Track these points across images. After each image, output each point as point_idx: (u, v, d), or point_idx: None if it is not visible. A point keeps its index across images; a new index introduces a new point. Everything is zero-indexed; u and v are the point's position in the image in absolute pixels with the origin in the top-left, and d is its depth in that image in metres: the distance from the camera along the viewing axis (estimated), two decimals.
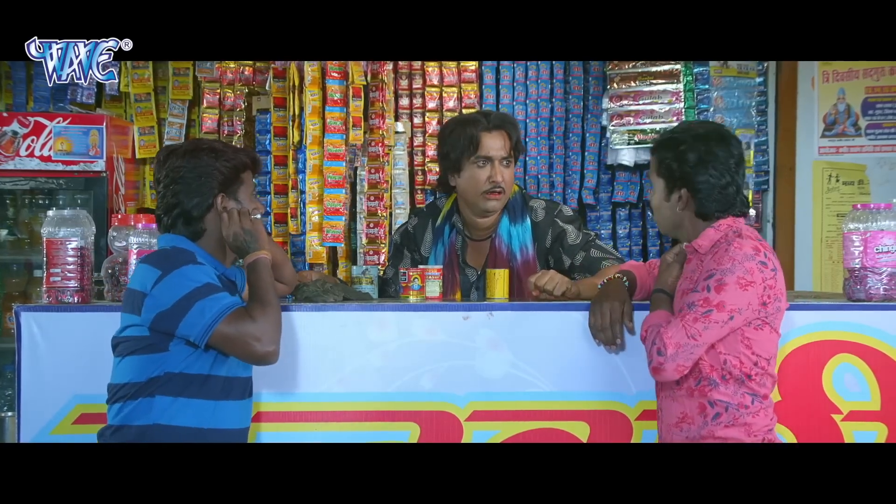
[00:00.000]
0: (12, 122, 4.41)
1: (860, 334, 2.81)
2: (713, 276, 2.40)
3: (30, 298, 4.53)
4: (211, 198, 2.49)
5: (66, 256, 2.82)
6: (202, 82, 5.33)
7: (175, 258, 2.43)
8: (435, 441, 2.78)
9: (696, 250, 2.53)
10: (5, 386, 4.48)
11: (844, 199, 4.83)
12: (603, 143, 5.27)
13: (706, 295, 2.40)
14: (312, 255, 4.65)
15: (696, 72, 4.95)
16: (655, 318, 2.51)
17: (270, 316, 2.40)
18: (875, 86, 4.83)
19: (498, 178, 3.15)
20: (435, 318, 2.82)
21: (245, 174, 2.55)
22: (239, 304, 2.42)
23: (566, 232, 3.21)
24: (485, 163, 3.17)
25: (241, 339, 2.37)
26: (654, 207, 2.63)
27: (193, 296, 2.36)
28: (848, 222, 2.90)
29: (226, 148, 2.57)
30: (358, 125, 4.55)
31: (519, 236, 3.22)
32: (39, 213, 4.57)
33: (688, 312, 2.41)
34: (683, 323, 2.40)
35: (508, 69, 5.35)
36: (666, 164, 2.54)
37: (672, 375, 2.43)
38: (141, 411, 2.41)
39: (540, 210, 3.25)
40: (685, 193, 2.53)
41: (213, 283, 2.40)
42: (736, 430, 2.45)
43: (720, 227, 2.52)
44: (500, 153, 3.17)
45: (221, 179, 2.49)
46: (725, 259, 2.41)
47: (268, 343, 2.38)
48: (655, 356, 2.42)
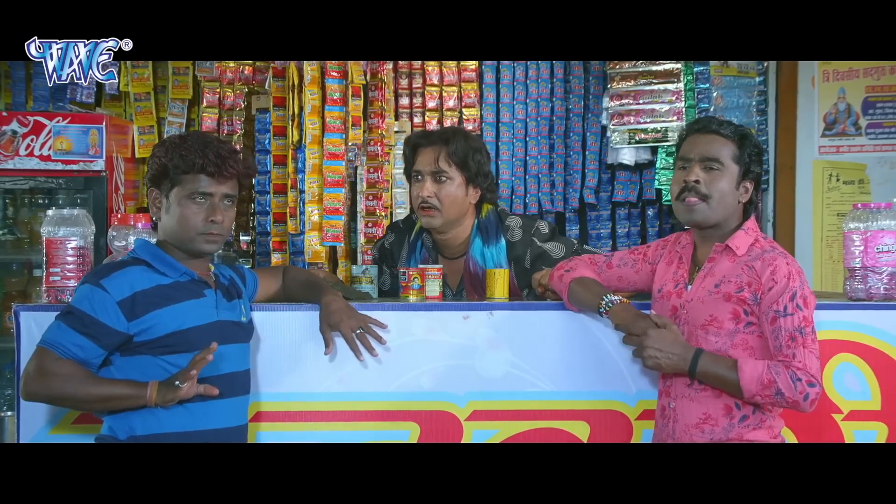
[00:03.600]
0: (12, 122, 4.41)
1: (861, 334, 2.80)
2: (794, 293, 2.41)
3: (29, 298, 4.53)
4: (148, 190, 2.56)
5: (66, 256, 2.82)
6: (202, 81, 5.33)
7: (99, 271, 2.48)
8: (435, 440, 2.77)
9: (730, 250, 2.52)
10: (4, 385, 4.48)
11: (845, 199, 4.83)
12: (603, 142, 5.27)
13: (803, 314, 2.40)
14: (312, 254, 4.65)
15: (696, 71, 4.95)
16: (755, 368, 2.40)
17: (49, 384, 2.36)
18: (875, 85, 4.82)
19: (424, 192, 3.09)
20: (435, 317, 2.82)
21: (193, 175, 2.49)
22: (68, 352, 2.37)
23: (548, 251, 3.13)
24: (419, 177, 3.13)
25: (27, 365, 2.40)
26: (719, 192, 2.52)
27: (61, 314, 2.42)
28: (848, 222, 2.90)
29: (192, 145, 2.50)
30: (357, 124, 4.55)
31: (493, 257, 3.14)
32: (39, 213, 4.56)
33: (801, 337, 2.39)
34: (809, 349, 2.39)
35: (509, 68, 5.36)
36: (748, 155, 2.55)
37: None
38: (120, 426, 2.43)
39: (517, 229, 3.16)
40: (752, 188, 2.57)
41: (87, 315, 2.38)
42: (762, 433, 2.46)
43: (749, 231, 2.55)
44: (428, 167, 3.10)
45: (152, 174, 2.53)
46: (794, 273, 2.43)
47: (26, 390, 2.40)
48: (808, 388, 2.35)
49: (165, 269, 2.48)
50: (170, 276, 2.48)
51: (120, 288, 2.40)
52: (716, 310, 2.48)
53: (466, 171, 3.11)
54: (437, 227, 3.13)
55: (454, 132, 3.21)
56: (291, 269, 2.92)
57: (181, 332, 2.43)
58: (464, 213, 3.15)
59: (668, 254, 2.69)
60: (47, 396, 2.41)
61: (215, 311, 2.52)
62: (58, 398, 2.41)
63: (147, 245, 2.54)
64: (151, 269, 2.47)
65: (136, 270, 2.45)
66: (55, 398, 2.42)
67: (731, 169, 2.53)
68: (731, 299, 2.47)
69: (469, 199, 3.15)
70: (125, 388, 2.39)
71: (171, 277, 2.48)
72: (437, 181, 3.10)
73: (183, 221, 2.49)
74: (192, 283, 2.51)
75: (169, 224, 2.52)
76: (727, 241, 2.53)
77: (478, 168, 3.13)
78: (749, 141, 2.56)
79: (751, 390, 2.38)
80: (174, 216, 2.50)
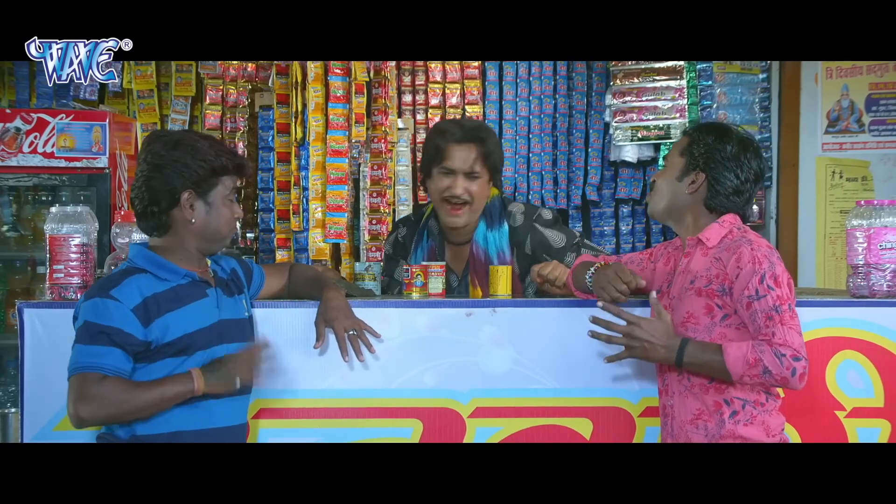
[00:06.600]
0: (15, 119, 4.40)
1: (864, 331, 2.80)
2: (762, 276, 2.38)
3: (33, 295, 4.53)
4: (178, 193, 2.48)
5: (69, 253, 2.82)
6: (205, 79, 5.34)
7: (102, 284, 2.44)
8: (438, 437, 2.78)
9: (702, 243, 2.53)
10: (8, 382, 4.48)
11: (848, 196, 4.82)
12: (606, 139, 5.26)
13: (776, 293, 2.37)
14: (315, 251, 4.65)
15: (699, 68, 4.94)
16: (739, 348, 2.38)
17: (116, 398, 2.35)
18: (879, 82, 4.81)
19: (457, 190, 3.12)
20: (438, 314, 2.82)
21: (224, 178, 2.52)
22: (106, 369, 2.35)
23: (548, 238, 3.17)
24: (449, 173, 3.15)
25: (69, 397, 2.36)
26: (658, 186, 2.61)
27: (80, 337, 2.39)
28: (851, 219, 2.90)
29: (211, 147, 2.52)
30: (361, 122, 4.54)
31: (496, 241, 3.18)
32: (42, 210, 4.57)
33: (778, 315, 2.36)
34: (788, 325, 2.36)
35: (511, 66, 5.35)
36: (700, 146, 2.55)
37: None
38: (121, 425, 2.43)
39: (518, 215, 3.22)
40: (702, 179, 2.54)
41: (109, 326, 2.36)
42: (755, 430, 2.45)
43: (724, 223, 2.53)
44: (462, 166, 3.13)
45: (194, 179, 2.48)
46: (759, 256, 2.41)
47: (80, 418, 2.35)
48: (794, 363, 2.33)
49: (166, 275, 2.48)
50: (171, 280, 2.48)
51: (131, 296, 2.40)
52: (691, 306, 2.50)
53: (494, 170, 3.19)
54: (464, 224, 3.17)
55: (486, 132, 3.25)
56: (298, 266, 2.92)
57: (188, 335, 2.44)
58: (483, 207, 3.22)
59: (665, 254, 2.70)
60: (106, 417, 2.38)
61: (217, 310, 2.52)
62: (115, 416, 2.39)
63: (143, 251, 2.51)
64: (151, 276, 2.46)
65: (139, 278, 2.45)
66: (112, 417, 2.39)
67: (676, 162, 2.59)
68: (702, 294, 2.48)
69: (488, 192, 3.22)
70: (174, 385, 2.39)
71: (172, 282, 2.48)
72: (469, 179, 3.14)
73: (230, 221, 2.54)
74: (193, 285, 2.51)
75: (206, 224, 2.51)
76: (699, 234, 2.54)
77: (499, 165, 3.24)
78: (706, 130, 2.58)
79: (738, 371, 2.36)
80: (217, 216, 2.52)
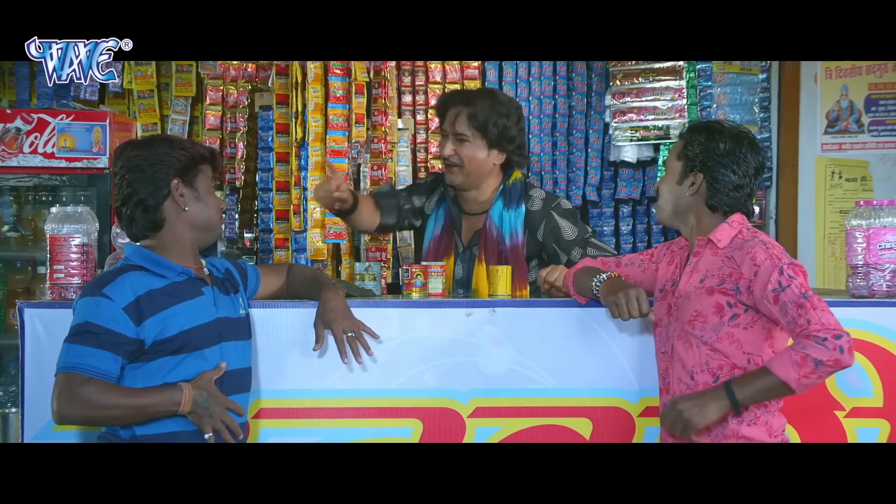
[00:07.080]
0: (16, 119, 4.41)
1: (863, 331, 2.80)
2: (781, 268, 2.37)
3: (33, 295, 4.53)
4: (166, 185, 2.49)
5: (70, 253, 2.83)
6: (205, 79, 5.35)
7: (97, 282, 2.45)
8: (438, 437, 2.78)
9: (712, 243, 2.53)
10: (9, 382, 4.48)
11: (847, 196, 4.83)
12: (606, 139, 5.27)
13: (798, 281, 2.37)
14: (314, 251, 4.66)
15: (698, 68, 4.95)
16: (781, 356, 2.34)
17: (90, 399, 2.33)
18: (878, 82, 4.82)
19: (445, 151, 3.23)
20: (438, 314, 2.82)
21: (203, 166, 2.56)
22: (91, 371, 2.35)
23: (561, 227, 3.19)
24: (444, 135, 3.27)
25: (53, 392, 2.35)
26: (662, 192, 2.62)
27: (71, 335, 2.38)
28: (851, 219, 2.90)
29: (182, 140, 2.62)
30: (361, 122, 4.55)
31: (511, 221, 3.21)
32: (43, 210, 4.57)
33: (808, 301, 2.34)
34: (819, 309, 2.33)
35: (511, 66, 5.36)
36: (694, 147, 2.55)
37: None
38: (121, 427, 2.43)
39: (538, 200, 3.24)
40: (700, 179, 2.54)
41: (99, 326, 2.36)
42: (759, 430, 2.45)
43: (734, 224, 2.54)
44: (451, 128, 3.23)
45: (178, 167, 2.50)
46: (775, 253, 2.42)
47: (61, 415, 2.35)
48: (837, 342, 2.28)
49: (163, 272, 2.47)
50: (167, 277, 2.48)
51: (123, 294, 2.39)
52: (700, 304, 2.49)
53: (487, 134, 3.20)
54: (458, 184, 3.26)
55: (480, 95, 3.33)
56: (296, 267, 2.92)
57: (185, 332, 2.43)
58: (485, 173, 3.25)
59: (669, 254, 2.70)
60: (86, 419, 2.40)
61: (214, 308, 2.52)
62: (96, 419, 2.39)
63: (138, 250, 2.51)
64: (148, 273, 2.46)
65: (133, 275, 2.44)
66: (93, 419, 2.40)
67: (674, 166, 2.60)
68: (713, 292, 2.47)
69: (492, 160, 3.24)
70: (160, 399, 2.39)
71: (169, 279, 2.48)
72: (457, 141, 3.22)
73: (218, 210, 2.59)
74: (189, 282, 2.51)
75: (199, 212, 2.53)
76: (709, 234, 2.55)
77: (501, 132, 3.21)
78: (698, 130, 2.58)
79: (793, 377, 2.31)
80: (207, 204, 2.55)
